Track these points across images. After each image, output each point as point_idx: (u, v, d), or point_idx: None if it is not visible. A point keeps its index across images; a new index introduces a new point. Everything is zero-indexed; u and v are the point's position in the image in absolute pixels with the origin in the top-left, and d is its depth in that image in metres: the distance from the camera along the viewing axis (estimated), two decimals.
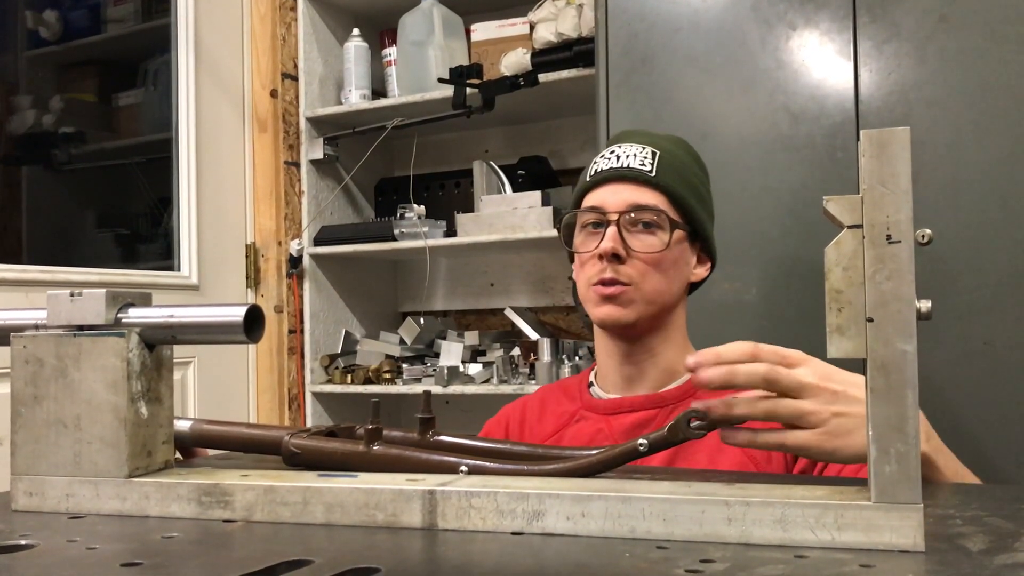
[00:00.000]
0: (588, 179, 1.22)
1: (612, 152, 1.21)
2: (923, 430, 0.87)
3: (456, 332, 2.63)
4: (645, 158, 1.19)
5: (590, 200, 1.20)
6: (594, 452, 0.79)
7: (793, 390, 0.79)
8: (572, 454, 0.81)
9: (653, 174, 1.18)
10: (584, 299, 1.21)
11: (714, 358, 0.78)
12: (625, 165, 1.19)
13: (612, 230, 1.15)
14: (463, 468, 0.78)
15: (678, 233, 1.18)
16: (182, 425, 0.97)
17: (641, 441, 0.77)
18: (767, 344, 0.81)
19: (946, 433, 1.50)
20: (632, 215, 1.16)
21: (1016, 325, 1.51)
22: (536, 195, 2.34)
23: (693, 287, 1.27)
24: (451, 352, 2.49)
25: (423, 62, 2.51)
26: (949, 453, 0.91)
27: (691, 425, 0.75)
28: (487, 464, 0.78)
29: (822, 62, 1.67)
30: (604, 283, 1.16)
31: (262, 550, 0.63)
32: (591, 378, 1.28)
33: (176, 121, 2.44)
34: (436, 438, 0.86)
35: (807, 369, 0.80)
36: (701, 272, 1.25)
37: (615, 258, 1.15)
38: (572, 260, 1.27)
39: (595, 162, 1.23)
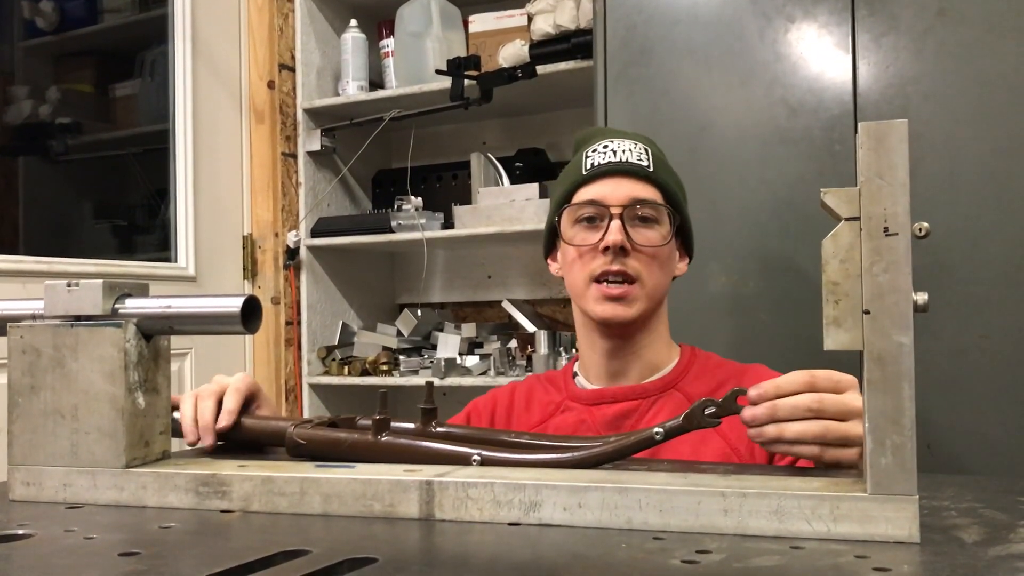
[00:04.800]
0: (584, 173, 1.20)
1: (606, 147, 1.21)
2: None
3: (453, 324, 2.63)
4: (641, 154, 1.20)
5: (586, 194, 1.19)
6: (609, 440, 0.80)
7: (841, 415, 0.81)
8: (582, 444, 0.81)
9: (651, 169, 1.19)
10: (581, 295, 1.19)
11: (774, 391, 0.82)
12: (624, 160, 1.19)
13: (616, 223, 1.15)
14: (476, 457, 0.78)
15: (671, 228, 1.19)
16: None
17: (657, 430, 0.79)
18: (823, 371, 0.83)
19: (942, 426, 1.51)
20: (635, 209, 1.17)
21: (1012, 318, 1.52)
22: (534, 187, 2.34)
23: None
24: (448, 344, 2.49)
25: (421, 54, 2.50)
26: None
27: (706, 413, 0.77)
28: (499, 454, 0.78)
29: (820, 55, 1.67)
30: (611, 281, 1.16)
31: (259, 540, 0.63)
32: (575, 368, 1.29)
33: (173, 112, 2.43)
34: (439, 429, 0.86)
35: (858, 394, 0.82)
36: (683, 267, 1.27)
37: (621, 251, 1.15)
38: (547, 255, 1.27)
39: (587, 156, 1.22)
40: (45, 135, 2.52)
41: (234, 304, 0.76)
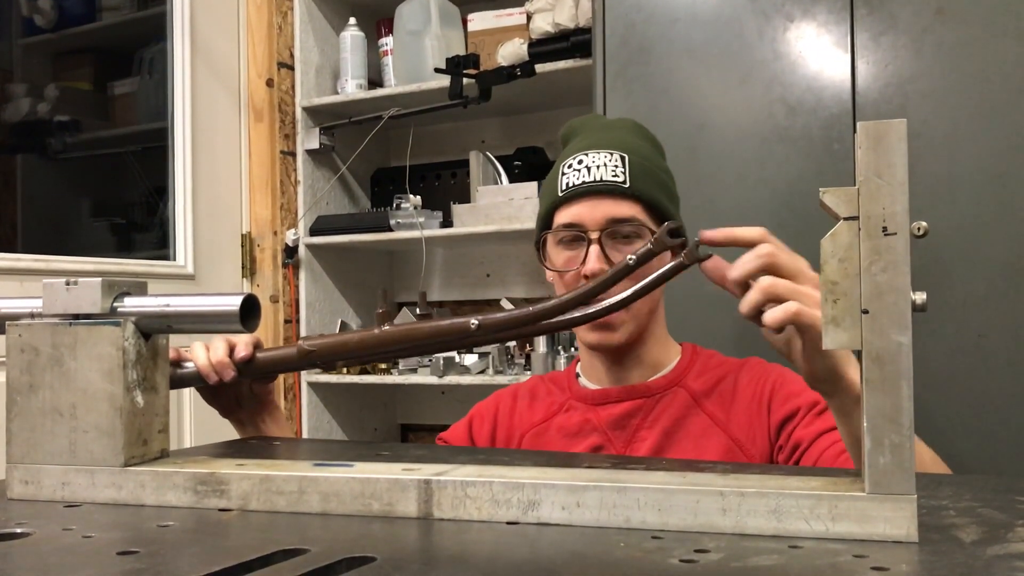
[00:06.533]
0: (560, 194, 1.17)
1: (580, 163, 1.17)
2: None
3: None
4: (616, 167, 1.15)
5: (564, 216, 1.16)
6: (588, 286, 0.83)
7: (792, 274, 0.84)
8: (562, 301, 0.84)
9: (627, 185, 1.14)
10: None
11: (729, 234, 0.85)
12: (598, 178, 1.14)
13: (595, 249, 1.12)
14: (474, 322, 0.82)
15: None
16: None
17: (630, 257, 0.82)
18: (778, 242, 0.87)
19: (940, 424, 1.51)
20: (612, 230, 1.13)
21: (1010, 318, 1.52)
22: (532, 186, 2.34)
23: None
24: None
25: (420, 52, 2.50)
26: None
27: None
28: (496, 316, 0.82)
29: (819, 54, 1.67)
30: None
31: (258, 539, 0.63)
32: (577, 369, 1.29)
33: (172, 110, 2.43)
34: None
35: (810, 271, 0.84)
36: None
37: None
38: (541, 261, 1.24)
39: (563, 174, 1.18)
40: (43, 133, 2.52)
41: (233, 302, 0.76)
